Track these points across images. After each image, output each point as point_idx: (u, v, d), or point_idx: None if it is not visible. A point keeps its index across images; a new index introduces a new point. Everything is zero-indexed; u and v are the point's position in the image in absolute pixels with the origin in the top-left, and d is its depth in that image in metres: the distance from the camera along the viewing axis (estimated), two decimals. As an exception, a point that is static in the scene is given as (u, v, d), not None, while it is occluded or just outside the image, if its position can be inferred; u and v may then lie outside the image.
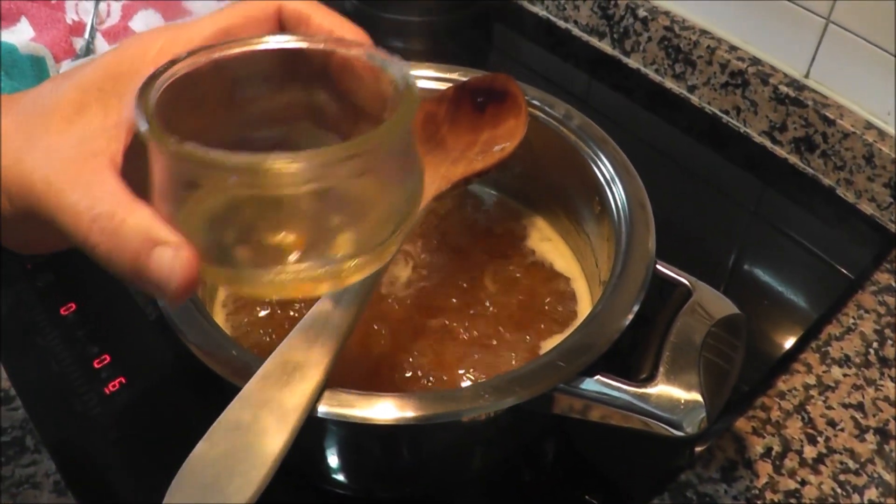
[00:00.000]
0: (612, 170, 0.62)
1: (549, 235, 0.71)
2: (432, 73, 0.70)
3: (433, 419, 0.47)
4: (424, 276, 0.67)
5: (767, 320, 0.73)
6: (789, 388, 0.68)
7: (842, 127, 0.84)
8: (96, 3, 0.92)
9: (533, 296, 0.65)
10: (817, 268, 0.79)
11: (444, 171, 0.61)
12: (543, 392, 0.49)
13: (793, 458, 0.63)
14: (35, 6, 0.91)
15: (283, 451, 0.43)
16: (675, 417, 0.50)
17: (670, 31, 0.95)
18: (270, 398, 0.45)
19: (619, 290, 0.54)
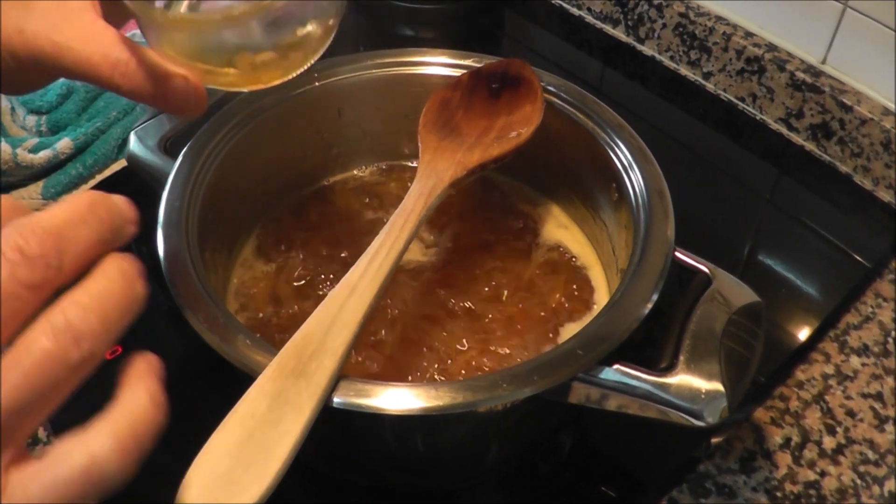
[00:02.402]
0: (629, 156, 0.61)
1: (564, 223, 0.70)
2: (446, 59, 0.69)
3: (450, 409, 0.46)
4: (439, 264, 0.66)
5: (785, 309, 0.73)
6: (808, 377, 0.67)
7: (859, 113, 0.83)
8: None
9: (549, 283, 0.65)
10: (834, 256, 0.78)
11: (460, 157, 0.60)
12: (562, 381, 0.48)
13: (812, 449, 0.63)
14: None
15: (300, 440, 0.43)
16: (696, 407, 0.49)
17: (685, 18, 0.94)
18: (286, 388, 0.44)
19: (638, 278, 0.53)
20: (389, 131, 0.73)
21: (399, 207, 0.56)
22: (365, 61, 0.69)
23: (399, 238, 0.53)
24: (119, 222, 0.34)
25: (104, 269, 0.33)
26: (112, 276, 0.32)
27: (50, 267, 0.30)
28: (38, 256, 0.30)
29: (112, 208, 0.34)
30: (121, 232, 0.34)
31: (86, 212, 0.33)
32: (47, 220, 0.31)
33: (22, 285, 0.29)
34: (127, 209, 0.35)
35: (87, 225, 0.32)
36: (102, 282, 0.32)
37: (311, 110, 0.69)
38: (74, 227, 0.32)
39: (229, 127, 0.63)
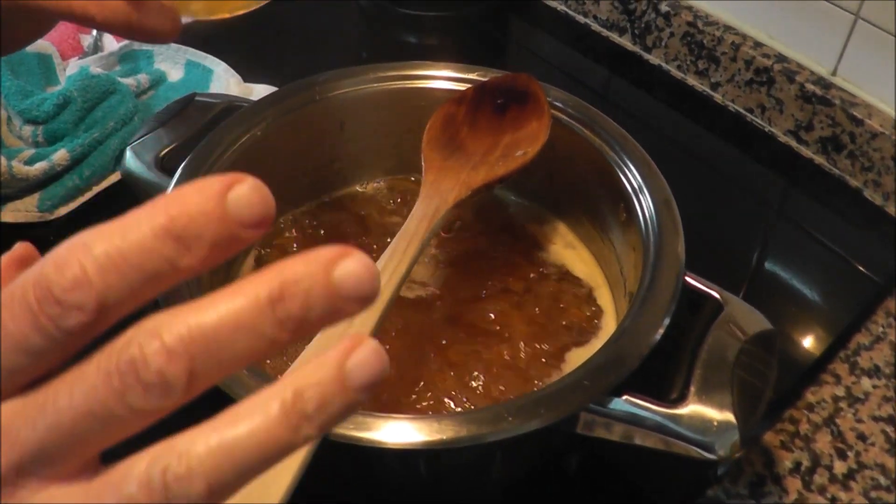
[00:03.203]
0: (639, 178, 0.60)
1: (571, 242, 0.69)
2: (451, 73, 0.68)
3: (453, 444, 0.45)
4: (444, 284, 0.65)
5: (794, 327, 0.71)
6: (818, 399, 0.66)
7: (870, 127, 0.82)
8: None
9: (555, 305, 0.63)
10: (844, 272, 0.77)
11: (465, 177, 0.59)
12: (569, 414, 0.47)
13: (822, 474, 0.62)
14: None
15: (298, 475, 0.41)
16: (707, 440, 0.48)
17: (693, 27, 0.92)
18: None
19: (647, 305, 0.52)
20: (392, 146, 0.71)
21: (401, 230, 0.54)
22: (367, 74, 0.68)
23: (402, 263, 0.52)
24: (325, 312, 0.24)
25: (256, 405, 0.24)
26: (261, 419, 0.24)
27: (169, 397, 0.24)
28: (155, 385, 0.23)
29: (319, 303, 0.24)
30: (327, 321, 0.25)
31: (262, 311, 0.24)
32: (188, 324, 0.24)
33: (128, 408, 0.24)
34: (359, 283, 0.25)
35: (251, 337, 0.24)
36: (232, 435, 0.24)
37: (312, 124, 0.67)
38: (228, 340, 0.24)
39: (227, 142, 0.62)
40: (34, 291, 0.24)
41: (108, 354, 0.24)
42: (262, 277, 0.24)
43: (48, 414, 0.24)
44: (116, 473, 0.25)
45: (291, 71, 0.91)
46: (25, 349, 0.24)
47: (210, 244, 0.24)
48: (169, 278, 0.24)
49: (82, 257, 0.24)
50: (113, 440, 0.25)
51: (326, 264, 0.24)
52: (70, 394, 0.24)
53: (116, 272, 0.24)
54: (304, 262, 0.24)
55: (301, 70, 0.90)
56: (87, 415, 0.24)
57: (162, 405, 0.24)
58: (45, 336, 0.24)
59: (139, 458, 0.24)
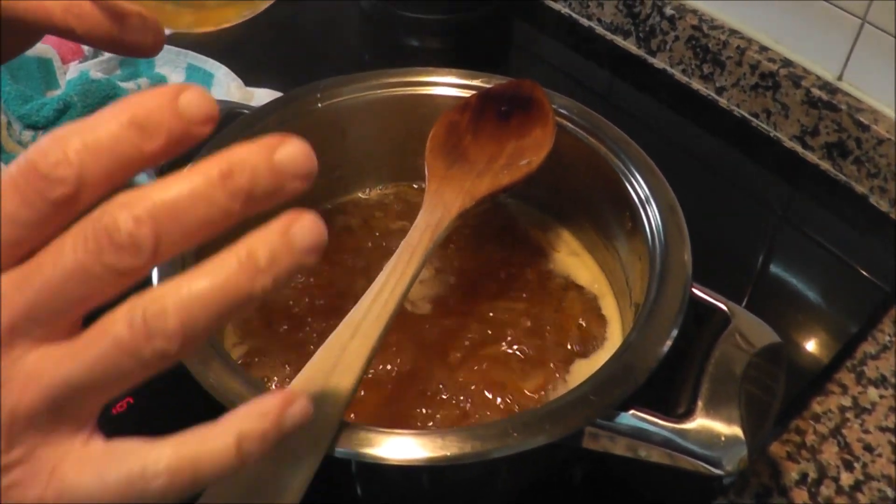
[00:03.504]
0: (645, 187, 0.59)
1: (576, 249, 0.68)
2: (454, 79, 0.67)
3: (457, 460, 0.44)
4: (446, 293, 0.64)
5: (799, 336, 0.71)
6: (824, 410, 0.65)
7: (876, 132, 0.81)
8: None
9: (560, 314, 0.63)
10: (851, 280, 0.77)
11: (469, 186, 0.58)
12: (575, 430, 0.46)
13: (829, 486, 0.61)
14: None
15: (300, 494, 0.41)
16: (715, 455, 0.47)
17: (698, 31, 0.92)
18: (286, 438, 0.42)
19: (654, 317, 0.51)
20: (395, 152, 0.71)
21: (404, 241, 0.54)
22: (370, 81, 0.67)
23: (404, 274, 0.51)
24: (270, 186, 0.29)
25: (217, 263, 0.29)
26: (223, 271, 0.29)
27: (139, 256, 0.28)
28: (126, 246, 0.28)
29: (263, 179, 0.29)
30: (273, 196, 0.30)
31: (214, 186, 0.29)
32: (150, 198, 0.28)
33: (105, 267, 0.28)
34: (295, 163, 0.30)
35: (207, 205, 0.29)
36: (198, 283, 0.28)
37: (314, 131, 0.65)
38: (187, 208, 0.28)
39: (229, 150, 0.61)
40: (21, 173, 0.28)
41: (84, 226, 0.28)
42: (212, 160, 0.29)
43: (35, 279, 0.28)
44: (100, 324, 0.29)
45: (293, 75, 0.91)
46: (18, 221, 0.29)
47: (167, 134, 0.29)
48: (135, 161, 0.29)
49: (63, 144, 0.28)
50: (94, 300, 0.29)
51: (269, 148, 0.29)
52: (53, 260, 0.28)
53: (91, 155, 0.28)
54: (248, 147, 0.29)
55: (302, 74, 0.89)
56: (69, 275, 0.28)
57: (134, 264, 0.28)
58: (32, 208, 0.28)
59: (118, 309, 0.29)
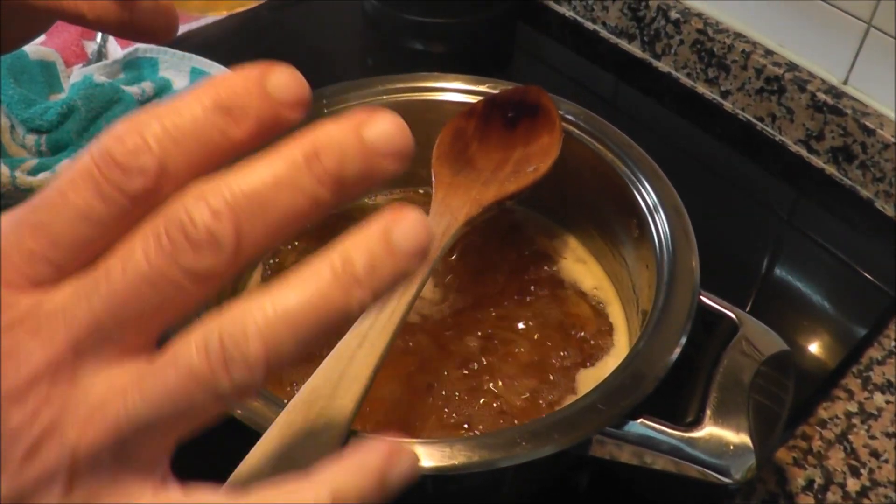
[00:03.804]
0: (653, 195, 0.59)
1: (582, 256, 0.68)
2: (460, 84, 0.67)
3: (465, 469, 0.44)
4: (452, 300, 0.64)
5: (805, 341, 0.71)
6: (831, 415, 0.65)
7: (882, 137, 0.81)
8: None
9: (566, 322, 0.62)
10: (856, 285, 0.76)
11: (475, 194, 0.58)
12: (583, 439, 0.46)
13: (835, 492, 0.61)
14: (45, 6, 0.88)
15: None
16: (723, 463, 0.47)
17: (703, 34, 0.91)
18: (292, 448, 0.42)
19: (662, 326, 0.51)
20: (400, 158, 0.70)
21: (412, 249, 0.54)
22: (376, 87, 0.67)
23: (411, 283, 0.51)
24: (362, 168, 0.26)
25: (308, 274, 0.25)
26: (313, 283, 0.25)
27: (219, 256, 0.24)
28: (205, 244, 0.24)
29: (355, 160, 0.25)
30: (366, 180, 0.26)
31: (300, 170, 0.25)
32: (231, 189, 0.24)
33: (181, 271, 0.24)
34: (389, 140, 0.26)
35: (294, 193, 0.25)
36: (286, 298, 0.25)
37: (320, 138, 0.66)
38: (272, 199, 0.25)
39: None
40: (96, 161, 0.25)
41: (155, 223, 0.24)
42: (295, 141, 0.25)
43: (102, 288, 0.25)
44: (171, 350, 0.25)
45: (297, 79, 0.91)
46: (90, 218, 0.25)
47: (256, 118, 0.26)
48: (221, 148, 0.26)
49: (141, 129, 0.25)
50: (169, 313, 0.25)
51: (357, 124, 0.25)
52: (122, 265, 0.25)
53: (174, 141, 0.25)
54: (335, 123, 0.26)
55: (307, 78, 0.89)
56: (141, 283, 0.24)
57: (214, 265, 0.24)
58: (108, 202, 0.25)
59: (194, 330, 0.25)
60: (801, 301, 0.74)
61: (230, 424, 0.46)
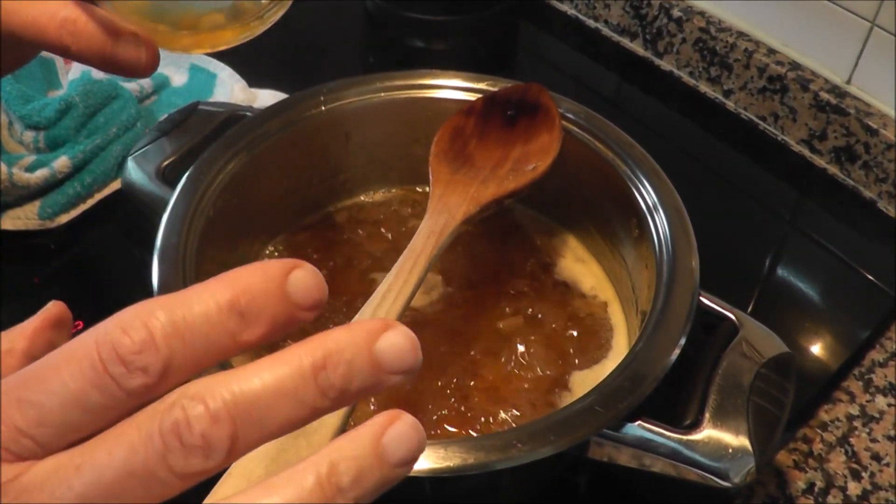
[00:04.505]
0: (653, 195, 0.58)
1: (582, 256, 0.68)
2: (459, 82, 0.67)
3: (461, 471, 0.44)
4: (446, 298, 0.64)
5: (807, 343, 0.70)
6: (832, 418, 0.65)
7: (885, 137, 0.80)
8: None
9: (565, 322, 0.62)
10: (858, 286, 0.76)
11: (474, 192, 0.58)
12: (581, 441, 0.46)
13: (836, 495, 0.60)
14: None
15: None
16: (722, 466, 0.47)
17: (706, 33, 0.91)
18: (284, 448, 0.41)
19: (661, 327, 0.50)
20: (399, 156, 0.70)
21: (408, 247, 0.53)
22: (374, 84, 0.66)
23: (408, 282, 0.50)
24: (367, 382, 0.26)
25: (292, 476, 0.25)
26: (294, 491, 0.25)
27: (209, 459, 0.24)
28: (198, 447, 0.24)
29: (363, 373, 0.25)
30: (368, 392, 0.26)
31: (306, 380, 0.25)
32: (232, 391, 0.24)
33: (169, 469, 0.24)
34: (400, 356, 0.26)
35: (294, 405, 0.25)
36: (270, 498, 0.25)
37: (317, 135, 0.66)
38: (270, 406, 0.25)
39: (230, 154, 0.60)
40: (99, 351, 0.24)
41: (151, 416, 0.24)
42: (306, 345, 0.25)
43: (86, 472, 0.24)
44: None
45: (297, 75, 0.90)
46: (83, 405, 0.24)
47: (270, 322, 0.25)
48: (228, 351, 0.25)
49: (149, 322, 0.24)
50: (147, 500, 0.25)
51: (369, 335, 0.25)
52: (110, 452, 0.24)
53: (181, 340, 0.24)
54: (347, 332, 0.25)
55: (306, 74, 0.89)
56: (126, 475, 0.24)
57: (203, 468, 0.24)
58: (105, 394, 0.24)
59: None
60: (802, 302, 0.74)
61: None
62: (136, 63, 0.45)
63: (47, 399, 0.25)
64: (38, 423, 0.25)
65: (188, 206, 0.56)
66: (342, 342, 0.25)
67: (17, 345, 0.29)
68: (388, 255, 0.65)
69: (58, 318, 0.31)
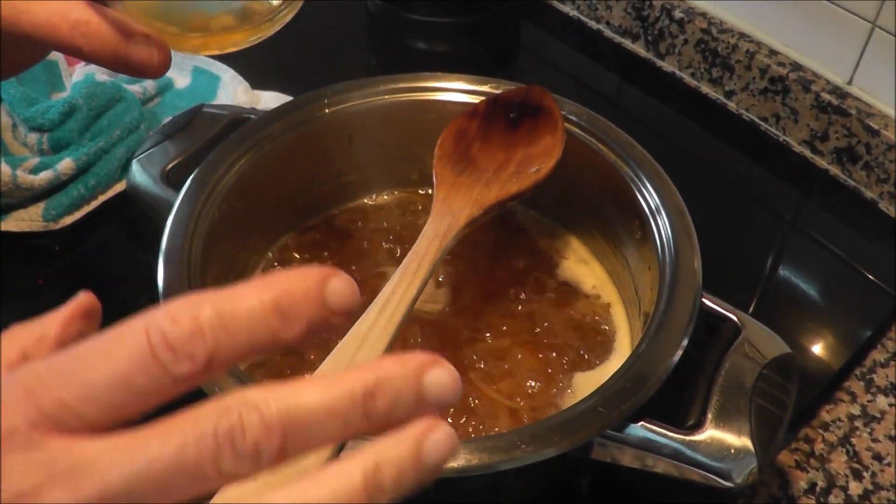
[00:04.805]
0: (656, 196, 0.59)
1: (584, 257, 0.68)
2: (462, 84, 0.67)
3: (464, 472, 0.44)
4: (449, 299, 0.64)
5: (808, 343, 0.70)
6: (833, 418, 0.65)
7: (886, 138, 0.80)
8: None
9: (568, 323, 0.62)
10: (859, 287, 0.76)
11: (477, 194, 0.58)
12: (584, 442, 0.46)
13: (838, 495, 0.61)
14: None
15: None
16: (724, 467, 0.47)
17: (707, 34, 0.91)
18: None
19: (664, 329, 0.51)
20: (402, 159, 0.70)
21: (412, 250, 0.53)
22: (377, 86, 0.67)
23: (412, 284, 0.50)
24: (408, 412, 0.28)
25: (340, 472, 0.27)
26: (342, 490, 0.26)
27: (256, 467, 0.26)
28: (248, 455, 0.26)
29: (406, 401, 0.28)
30: (405, 421, 0.28)
31: (354, 403, 0.27)
32: (286, 405, 0.26)
33: (217, 470, 0.26)
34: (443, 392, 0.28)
35: (340, 425, 0.27)
36: (319, 491, 0.26)
37: (321, 138, 0.66)
38: (318, 424, 0.26)
39: (235, 156, 0.61)
40: (149, 336, 0.26)
41: (207, 417, 0.26)
42: (360, 372, 0.27)
43: (138, 459, 0.25)
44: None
45: (299, 77, 0.90)
46: (129, 387, 0.26)
47: (308, 324, 0.27)
48: (267, 347, 0.27)
49: (198, 313, 0.26)
50: (190, 496, 0.26)
51: (418, 369, 0.28)
52: (163, 444, 0.25)
53: (226, 333, 0.26)
54: (399, 364, 0.28)
55: (309, 76, 0.89)
56: (176, 467, 0.25)
57: (248, 472, 0.26)
58: (151, 378, 0.26)
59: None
60: (803, 303, 0.74)
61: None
62: (149, 63, 0.45)
63: (95, 377, 0.26)
64: (84, 399, 0.26)
65: (193, 209, 0.57)
66: (394, 373, 0.27)
67: (49, 332, 0.30)
68: (391, 257, 0.66)
69: (88, 307, 0.31)
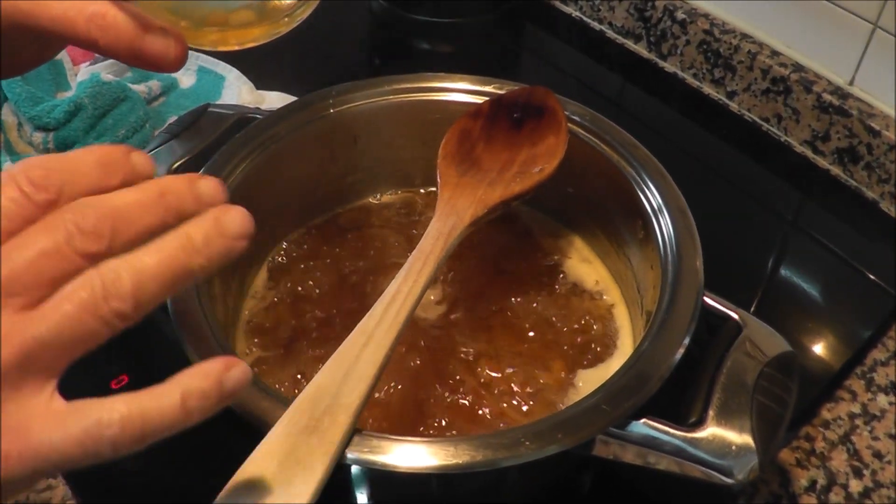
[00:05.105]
0: (658, 196, 0.59)
1: (587, 257, 0.68)
2: (466, 85, 0.67)
3: (468, 468, 0.44)
4: (453, 298, 0.64)
5: (809, 342, 0.71)
6: (834, 416, 0.65)
7: (887, 138, 0.81)
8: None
9: (571, 322, 0.62)
10: (860, 286, 0.76)
11: (481, 194, 0.58)
12: (587, 439, 0.46)
13: (838, 493, 0.61)
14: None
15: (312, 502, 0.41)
16: (726, 464, 0.48)
17: (710, 35, 0.91)
18: (297, 446, 0.42)
19: (666, 327, 0.51)
20: (406, 159, 0.71)
21: (417, 249, 0.54)
22: (382, 87, 0.67)
23: (417, 283, 0.51)
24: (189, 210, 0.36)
25: (162, 244, 0.35)
26: (166, 250, 0.35)
27: (100, 242, 0.34)
28: (90, 233, 0.33)
29: (188, 199, 0.36)
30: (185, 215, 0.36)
31: (153, 200, 0.35)
32: (110, 203, 0.34)
33: (73, 249, 0.33)
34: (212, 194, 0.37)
35: (149, 213, 0.35)
36: (147, 258, 0.34)
37: (326, 137, 0.67)
38: (135, 213, 0.35)
39: (241, 156, 0.61)
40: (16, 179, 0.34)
41: (55, 220, 0.34)
42: (149, 182, 0.36)
43: (14, 253, 0.33)
44: (62, 291, 0.33)
45: (304, 77, 0.91)
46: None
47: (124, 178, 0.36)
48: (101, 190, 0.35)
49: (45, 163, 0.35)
50: (63, 276, 0.33)
51: (191, 178, 0.37)
52: (28, 242, 0.33)
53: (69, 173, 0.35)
54: (176, 177, 0.37)
55: (313, 76, 0.89)
56: (41, 252, 0.33)
57: (97, 248, 0.34)
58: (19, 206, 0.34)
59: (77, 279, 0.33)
60: (805, 302, 0.74)
61: (234, 422, 0.46)
62: (165, 56, 0.45)
63: None
64: None
65: (199, 207, 0.57)
66: (173, 181, 0.36)
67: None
68: (396, 256, 0.66)
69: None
